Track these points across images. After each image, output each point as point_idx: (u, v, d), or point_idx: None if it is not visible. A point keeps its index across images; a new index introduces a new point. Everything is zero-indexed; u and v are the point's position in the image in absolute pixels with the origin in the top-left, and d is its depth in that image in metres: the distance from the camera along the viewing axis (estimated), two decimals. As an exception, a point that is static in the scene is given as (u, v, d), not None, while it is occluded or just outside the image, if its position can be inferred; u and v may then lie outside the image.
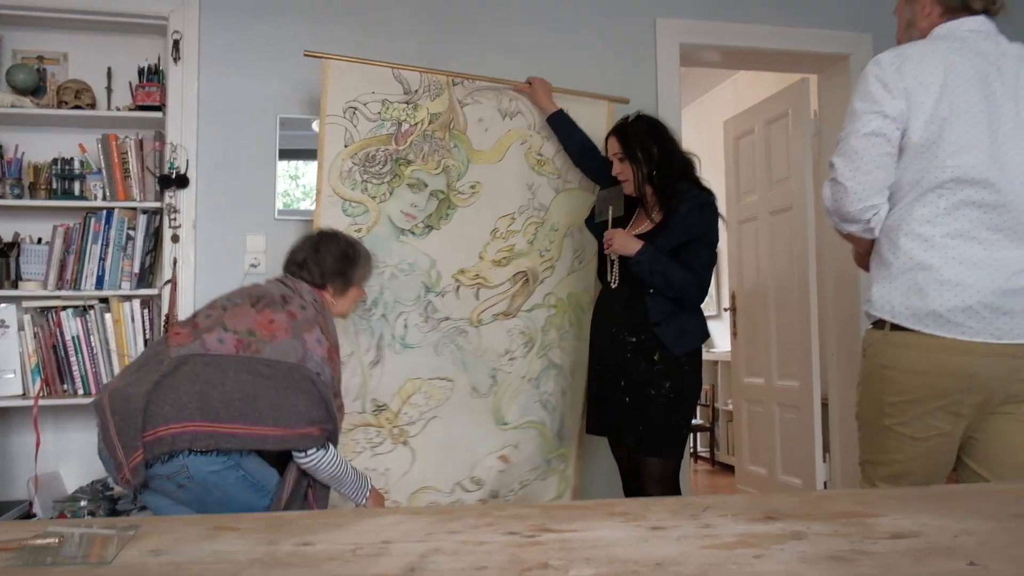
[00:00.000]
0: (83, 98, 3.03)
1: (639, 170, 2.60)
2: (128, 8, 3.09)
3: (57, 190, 3.01)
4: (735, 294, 4.75)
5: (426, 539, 1.00)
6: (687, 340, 2.49)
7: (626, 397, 2.52)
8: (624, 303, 2.57)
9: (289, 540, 0.99)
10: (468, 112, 2.87)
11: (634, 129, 2.64)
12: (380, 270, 2.71)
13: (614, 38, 3.49)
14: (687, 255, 2.47)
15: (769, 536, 1.01)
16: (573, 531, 1.03)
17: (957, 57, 1.76)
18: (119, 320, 2.91)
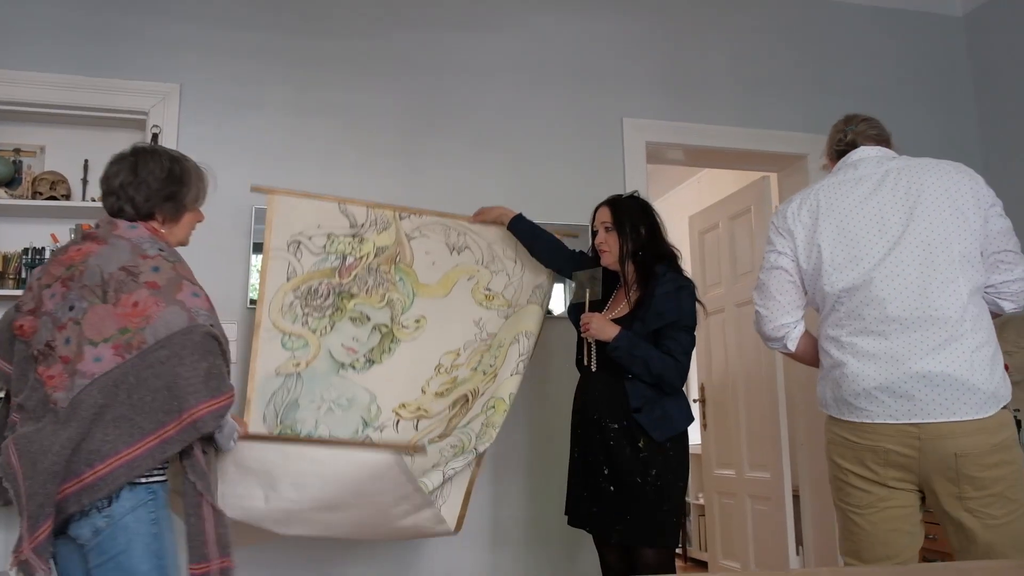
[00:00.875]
0: (58, 189, 3.06)
1: (625, 244, 2.60)
2: (109, 104, 3.16)
3: (26, 279, 2.99)
4: (704, 385, 4.79)
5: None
6: (669, 425, 2.45)
7: (611, 486, 2.47)
8: (604, 388, 2.53)
9: None
10: (415, 245, 2.78)
11: (627, 204, 2.67)
12: (317, 404, 2.62)
13: (583, 136, 3.63)
14: (664, 339, 2.47)
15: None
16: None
17: (830, 191, 2.13)
18: (83, 411, 2.84)
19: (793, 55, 3.99)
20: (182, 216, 2.08)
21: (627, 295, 2.62)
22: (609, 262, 2.64)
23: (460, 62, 3.55)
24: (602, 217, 2.67)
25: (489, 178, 3.45)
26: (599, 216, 2.69)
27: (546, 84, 3.64)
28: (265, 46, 3.35)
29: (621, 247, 2.61)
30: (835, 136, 2.29)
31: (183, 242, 2.14)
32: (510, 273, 2.70)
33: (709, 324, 4.72)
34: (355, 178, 3.32)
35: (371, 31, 3.48)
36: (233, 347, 3.04)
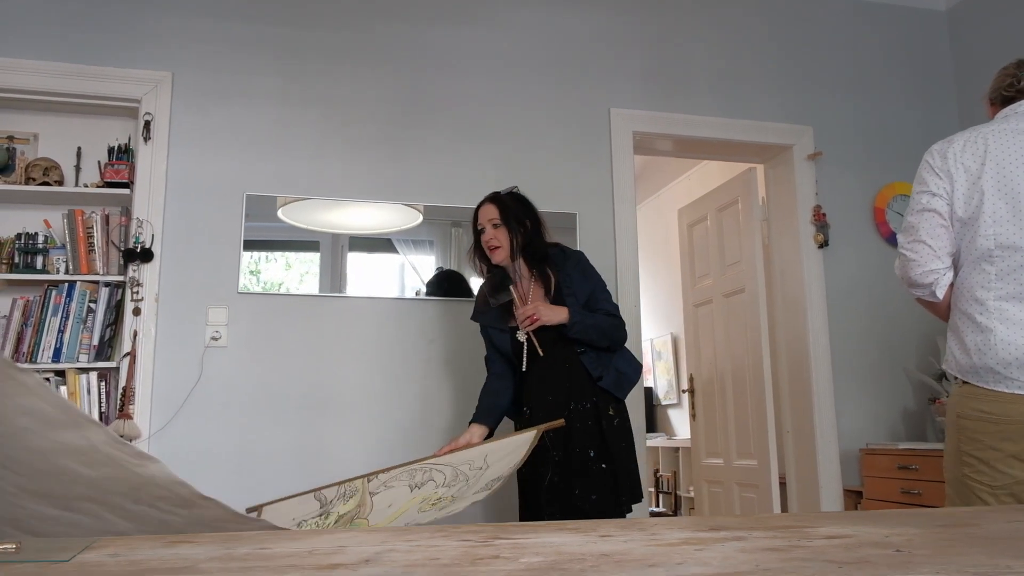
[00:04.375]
0: (51, 175, 3.10)
1: (515, 238, 2.62)
2: (101, 91, 3.20)
3: (19, 264, 3.03)
4: (693, 376, 4.84)
5: (380, 544, 1.02)
6: (627, 381, 2.58)
7: (602, 463, 2.47)
8: (560, 374, 2.53)
9: (246, 546, 1.01)
10: (377, 500, 2.66)
11: (509, 199, 2.69)
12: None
13: (571, 126, 3.69)
14: (596, 302, 2.59)
15: (711, 538, 1.05)
16: (524, 537, 1.07)
17: (1000, 138, 1.97)
18: (74, 392, 2.89)
19: (779, 47, 4.05)
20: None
21: (528, 289, 2.64)
22: (501, 258, 2.64)
23: (447, 54, 3.61)
24: (489, 214, 2.66)
25: (476, 168, 3.50)
26: (484, 214, 2.68)
27: (533, 75, 3.69)
28: (255, 37, 3.40)
29: (511, 241, 2.62)
30: (1003, 80, 2.09)
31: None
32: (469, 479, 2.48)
33: (698, 315, 4.78)
34: (343, 168, 3.38)
35: (359, 23, 3.53)
36: (224, 330, 3.10)
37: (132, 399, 2.95)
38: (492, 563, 0.88)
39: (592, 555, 0.91)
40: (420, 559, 0.91)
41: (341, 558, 0.93)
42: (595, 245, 3.56)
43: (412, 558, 0.92)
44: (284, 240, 3.33)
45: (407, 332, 3.33)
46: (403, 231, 3.49)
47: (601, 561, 0.88)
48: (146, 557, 0.95)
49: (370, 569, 0.85)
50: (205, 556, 0.95)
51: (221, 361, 3.11)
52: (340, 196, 3.37)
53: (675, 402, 6.58)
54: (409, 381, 3.29)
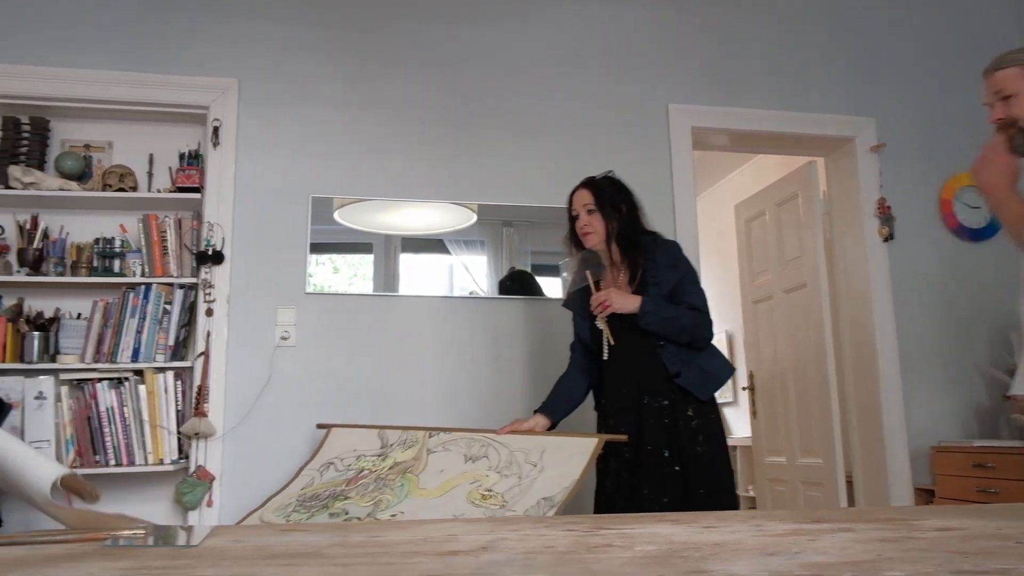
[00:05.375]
0: (126, 182, 3.19)
1: (609, 223, 2.54)
2: (171, 99, 3.29)
3: (98, 268, 3.13)
4: (753, 373, 4.78)
5: (489, 533, 1.04)
6: (711, 381, 2.45)
7: (676, 466, 2.38)
8: (634, 368, 2.46)
9: (360, 534, 1.03)
10: (432, 459, 2.67)
11: (605, 184, 2.62)
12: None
13: (629, 123, 3.67)
14: (682, 295, 2.46)
15: (819, 530, 1.04)
16: (628, 528, 1.07)
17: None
18: (153, 392, 2.97)
19: (839, 38, 3.98)
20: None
21: (617, 276, 2.56)
22: (594, 243, 2.57)
23: (504, 52, 3.63)
24: (583, 200, 2.60)
25: (533, 167, 3.51)
26: (578, 199, 2.62)
27: (590, 72, 3.69)
28: (317, 41, 3.46)
29: (606, 227, 2.55)
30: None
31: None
32: (522, 477, 2.47)
33: (757, 312, 4.72)
34: (403, 169, 3.42)
35: (418, 24, 3.57)
36: (293, 330, 3.16)
37: (206, 398, 3.03)
38: (608, 551, 0.89)
39: (706, 544, 0.92)
40: (535, 547, 0.93)
41: (457, 545, 0.95)
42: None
43: (527, 545, 0.93)
44: (340, 242, 3.39)
45: (469, 331, 3.36)
46: (457, 231, 3.52)
47: (717, 550, 0.88)
48: (267, 543, 0.98)
49: (490, 555, 0.87)
50: (325, 543, 0.98)
51: (290, 360, 3.18)
52: (398, 197, 3.41)
53: (731, 400, 6.51)
54: (474, 380, 3.31)
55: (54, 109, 3.24)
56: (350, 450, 2.70)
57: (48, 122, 3.24)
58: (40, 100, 3.19)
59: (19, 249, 3.08)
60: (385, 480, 2.55)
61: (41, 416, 2.87)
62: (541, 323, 3.41)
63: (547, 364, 3.09)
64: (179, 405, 3.02)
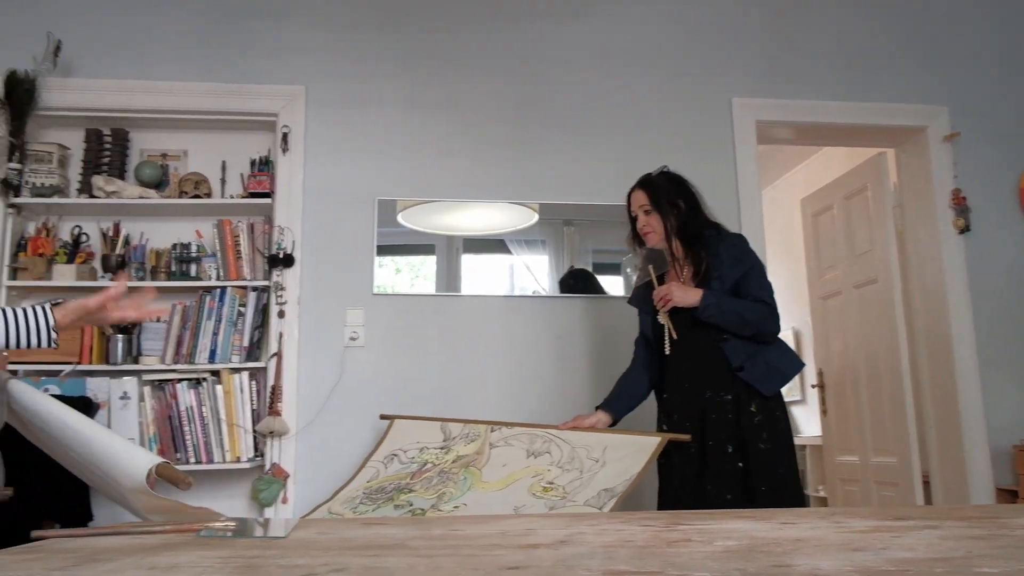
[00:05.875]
0: (201, 189, 3.30)
1: (667, 221, 2.54)
2: (243, 107, 3.39)
3: (176, 272, 3.25)
4: (822, 371, 4.68)
5: (566, 528, 1.05)
6: (777, 376, 2.40)
7: (739, 462, 2.35)
8: (699, 362, 2.44)
9: (439, 528, 1.06)
10: (495, 454, 2.69)
11: (660, 182, 2.61)
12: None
13: (692, 119, 3.64)
14: (747, 288, 2.42)
15: (903, 527, 1.02)
16: (704, 524, 1.07)
17: None
18: (229, 391, 3.07)
19: (906, 23, 3.87)
20: None
21: (680, 271, 2.55)
22: (654, 242, 2.56)
23: (564, 52, 3.63)
24: (639, 201, 2.59)
25: (594, 165, 3.51)
26: (635, 200, 2.61)
27: (652, 68, 3.67)
28: (381, 46, 3.52)
29: (665, 225, 2.54)
30: None
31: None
32: (583, 471, 2.48)
33: (826, 307, 4.62)
34: (467, 170, 3.46)
35: (479, 25, 3.60)
36: (361, 331, 3.23)
37: (280, 397, 3.11)
38: (688, 546, 0.89)
39: (787, 540, 0.91)
40: (614, 541, 0.94)
41: (535, 539, 0.96)
42: (720, 238, 3.51)
43: (605, 540, 0.94)
44: (403, 244, 3.45)
45: (531, 330, 3.38)
46: (518, 231, 3.54)
47: (799, 545, 0.88)
48: (352, 536, 1.01)
49: (570, 549, 0.88)
50: (406, 536, 1.00)
51: (359, 360, 3.24)
52: (461, 198, 3.45)
53: (798, 398, 6.38)
54: (537, 378, 3.33)
55: (133, 120, 3.38)
56: (413, 442, 2.75)
57: (128, 133, 3.38)
58: (120, 112, 3.33)
59: (103, 255, 3.23)
60: (448, 473, 2.58)
61: (126, 415, 2.99)
62: (602, 321, 3.41)
63: (609, 362, 3.08)
64: (254, 404, 3.11)
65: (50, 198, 3.22)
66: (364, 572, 0.77)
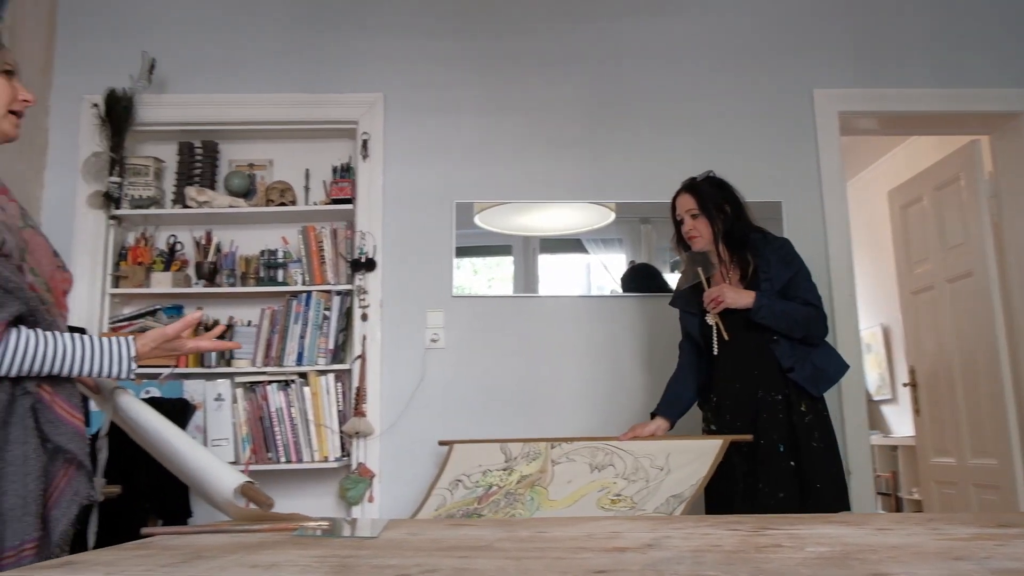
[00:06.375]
0: (286, 196, 3.41)
1: (714, 226, 2.58)
2: (324, 116, 3.49)
3: (264, 278, 3.36)
4: (914, 369, 4.51)
5: (652, 531, 1.05)
6: (824, 378, 2.45)
7: (791, 460, 2.39)
8: (751, 362, 2.48)
9: (526, 530, 1.07)
10: (558, 471, 2.71)
11: (706, 186, 2.64)
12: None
13: (771, 113, 3.56)
14: (795, 291, 2.48)
15: (1007, 535, 0.99)
16: (794, 528, 1.05)
17: None
18: (316, 393, 3.17)
19: (999, 3, 3.69)
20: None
21: (726, 274, 2.59)
22: (701, 246, 2.61)
23: (639, 48, 3.60)
24: (686, 205, 2.62)
25: (672, 162, 3.45)
26: (682, 204, 2.64)
27: (729, 63, 3.60)
28: (457, 51, 3.57)
29: (712, 229, 2.58)
30: None
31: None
32: (649, 480, 2.51)
33: (917, 303, 4.45)
34: (544, 171, 3.47)
35: (551, 26, 3.61)
36: (442, 333, 3.28)
37: (364, 398, 3.19)
38: (778, 551, 0.88)
39: (883, 546, 0.89)
40: (701, 545, 0.93)
41: (622, 542, 0.97)
42: (803, 234, 3.41)
43: (692, 544, 0.94)
44: (481, 245, 3.48)
45: (609, 329, 3.37)
46: (595, 230, 3.52)
47: (896, 552, 0.85)
48: (441, 536, 1.04)
49: (657, 553, 0.88)
50: (494, 537, 1.02)
51: (440, 362, 3.30)
52: (538, 199, 3.46)
53: (889, 397, 6.16)
54: (615, 377, 3.32)
55: (222, 132, 3.52)
56: (475, 466, 2.78)
57: (217, 145, 3.52)
58: (210, 125, 3.48)
59: (196, 263, 3.37)
60: (515, 495, 2.62)
61: (220, 416, 3.12)
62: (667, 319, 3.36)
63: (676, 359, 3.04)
64: (340, 405, 3.20)
65: (147, 209, 3.38)
66: (455, 573, 0.79)
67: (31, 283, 1.40)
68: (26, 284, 1.38)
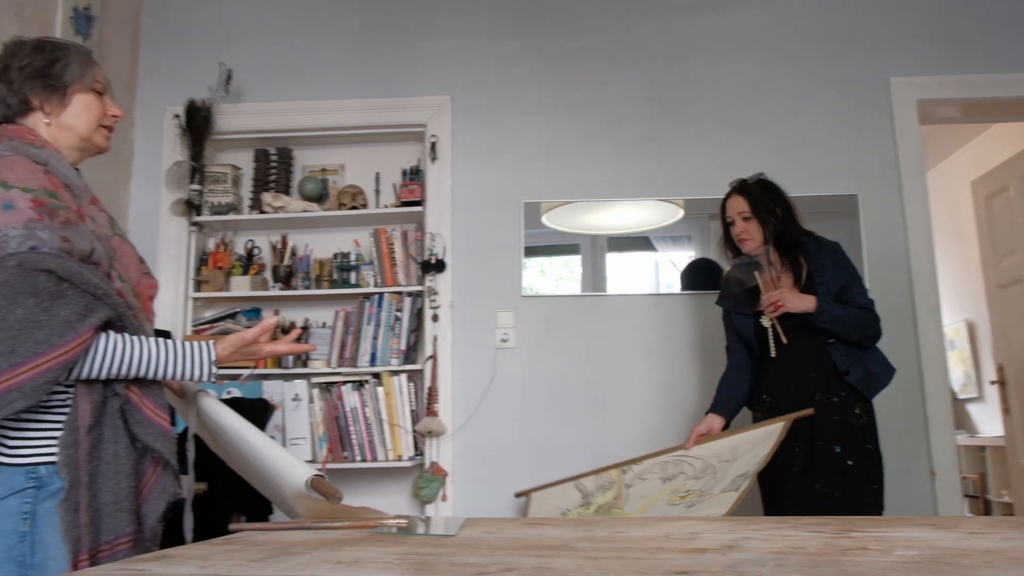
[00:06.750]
0: (358, 200, 3.48)
1: (766, 228, 2.58)
2: (393, 120, 3.55)
3: (337, 280, 3.44)
4: (1002, 366, 4.32)
5: (731, 532, 1.04)
6: (876, 381, 2.47)
7: (848, 460, 2.41)
8: (808, 365, 2.49)
9: (603, 530, 1.07)
10: (632, 492, 2.72)
11: (757, 189, 2.63)
12: None
13: (845, 103, 3.46)
14: (850, 295, 2.49)
15: (1110, 539, 0.94)
16: (880, 531, 1.03)
17: None
18: (389, 393, 3.22)
19: (1095, -17, 3.50)
20: (70, 96, 1.56)
21: (777, 277, 2.58)
22: (751, 249, 2.60)
23: (707, 43, 3.55)
24: (738, 207, 2.61)
25: (743, 157, 3.39)
26: (733, 206, 2.63)
27: (798, 53, 3.51)
28: (522, 51, 3.58)
29: (763, 232, 2.58)
30: None
31: (88, 137, 1.60)
32: (717, 472, 2.58)
33: (1005, 297, 4.27)
34: (611, 168, 3.45)
35: (616, 23, 3.58)
36: (512, 332, 3.30)
37: (436, 398, 3.23)
38: (864, 554, 0.86)
39: (975, 551, 0.86)
40: (783, 547, 0.91)
41: (701, 543, 0.96)
42: (881, 228, 3.32)
43: (774, 545, 0.93)
44: (548, 245, 3.48)
45: (678, 326, 3.33)
46: (664, 227, 3.48)
47: (991, 557, 0.82)
48: (518, 535, 1.04)
49: (738, 554, 0.87)
50: (572, 537, 1.02)
51: (511, 361, 3.31)
52: (606, 197, 3.45)
53: (975, 395, 5.91)
54: (685, 375, 3.28)
55: (295, 139, 3.61)
56: (554, 509, 2.78)
57: (291, 151, 3.62)
58: (284, 132, 3.57)
59: (273, 266, 3.47)
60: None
61: (298, 416, 3.20)
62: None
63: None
64: (413, 405, 3.25)
65: (226, 215, 3.50)
66: (534, 572, 0.79)
67: (119, 289, 1.47)
68: (114, 290, 1.44)
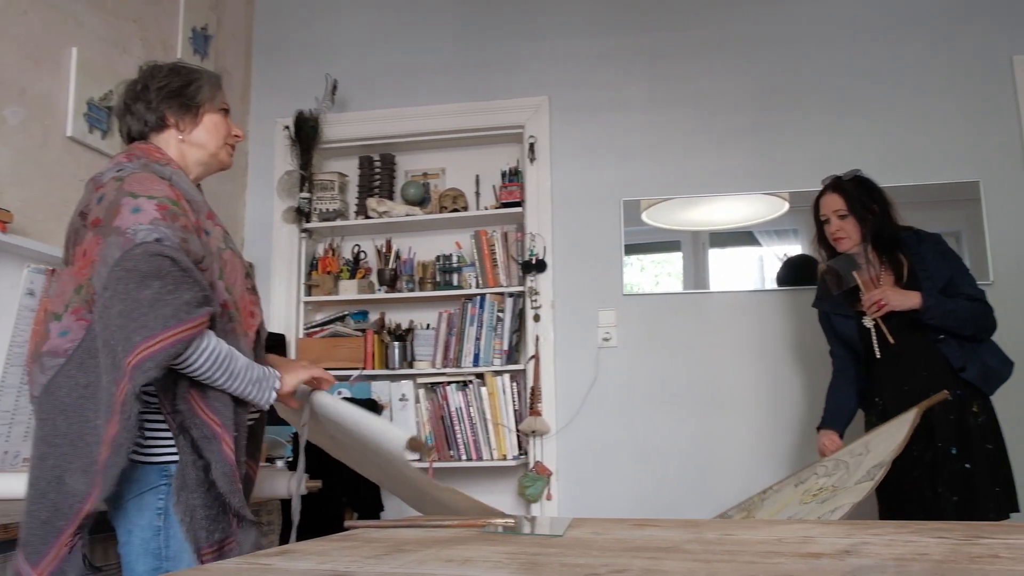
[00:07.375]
0: (458, 203, 3.54)
1: (863, 226, 2.48)
2: (492, 123, 3.59)
3: (440, 282, 3.51)
4: None
5: (848, 537, 1.01)
6: (994, 376, 2.35)
7: (964, 463, 2.30)
8: (918, 364, 2.38)
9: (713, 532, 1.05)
10: (766, 503, 2.66)
11: (853, 186, 2.54)
12: None
13: (962, 85, 3.27)
14: (958, 287, 2.38)
15: None
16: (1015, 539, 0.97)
17: None
18: (493, 393, 3.26)
19: None
20: (201, 115, 1.66)
21: (875, 276, 2.47)
22: (847, 247, 2.51)
23: (811, 28, 3.42)
24: (833, 205, 2.52)
25: (853, 146, 3.26)
26: (828, 204, 2.54)
27: (912, 33, 3.34)
28: (618, 48, 3.55)
29: (861, 230, 2.49)
30: None
31: (215, 154, 1.70)
32: (850, 466, 2.46)
33: None
34: (715, 163, 3.38)
35: (713, 15, 3.50)
36: (614, 331, 3.28)
37: (539, 398, 3.26)
38: (995, 562, 0.82)
39: (1121, 561, 0.80)
40: (905, 553, 0.88)
41: (816, 548, 0.93)
42: (1005, 215, 3.13)
43: (895, 551, 0.89)
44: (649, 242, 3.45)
45: (785, 323, 3.23)
46: (768, 221, 3.38)
47: None
48: (626, 536, 1.04)
49: (855, 560, 0.85)
50: (681, 539, 1.01)
51: (613, 360, 3.30)
52: (708, 192, 3.38)
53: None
54: (793, 373, 3.18)
55: (398, 145, 3.71)
56: None
57: (394, 157, 3.72)
58: (387, 139, 3.68)
59: (378, 270, 3.58)
60: None
61: (405, 415, 3.29)
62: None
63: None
64: (516, 405, 3.28)
65: (333, 221, 3.62)
66: (644, 574, 0.79)
67: (225, 301, 1.53)
68: (220, 301, 1.51)
